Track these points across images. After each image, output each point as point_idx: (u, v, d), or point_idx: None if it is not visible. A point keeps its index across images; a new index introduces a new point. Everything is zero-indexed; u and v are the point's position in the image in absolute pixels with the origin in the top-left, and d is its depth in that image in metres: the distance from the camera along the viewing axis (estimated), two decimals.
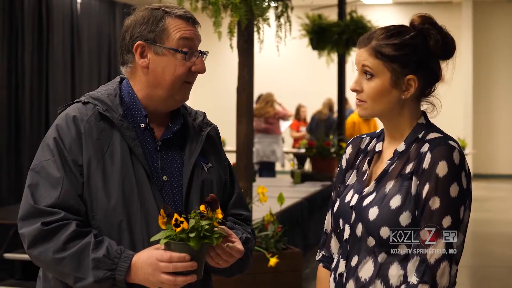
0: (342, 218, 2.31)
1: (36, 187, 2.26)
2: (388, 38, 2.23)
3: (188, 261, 2.11)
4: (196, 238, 2.09)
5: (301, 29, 10.70)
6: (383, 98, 2.23)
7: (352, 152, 2.44)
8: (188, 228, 2.08)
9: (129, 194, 2.27)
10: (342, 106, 11.58)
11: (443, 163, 2.13)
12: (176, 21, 2.35)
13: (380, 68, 2.22)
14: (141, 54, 2.37)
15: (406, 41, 2.22)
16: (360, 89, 2.25)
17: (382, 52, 2.21)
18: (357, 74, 2.27)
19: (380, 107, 2.25)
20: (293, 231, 7.51)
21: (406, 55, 2.21)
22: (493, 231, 10.68)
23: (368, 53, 2.23)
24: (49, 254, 2.20)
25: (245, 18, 5.37)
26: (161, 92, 2.36)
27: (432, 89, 2.31)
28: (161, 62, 2.35)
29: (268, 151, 12.61)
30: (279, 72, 18.52)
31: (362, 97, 2.25)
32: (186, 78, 2.36)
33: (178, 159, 2.41)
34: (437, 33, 2.24)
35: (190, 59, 2.35)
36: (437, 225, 2.12)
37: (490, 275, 7.87)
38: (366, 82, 2.24)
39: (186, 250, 2.10)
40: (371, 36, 2.26)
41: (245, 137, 5.88)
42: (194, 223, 2.09)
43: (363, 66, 2.24)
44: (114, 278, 2.17)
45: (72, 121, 2.31)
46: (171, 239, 2.10)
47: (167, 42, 2.34)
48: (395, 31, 2.25)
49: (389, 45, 2.21)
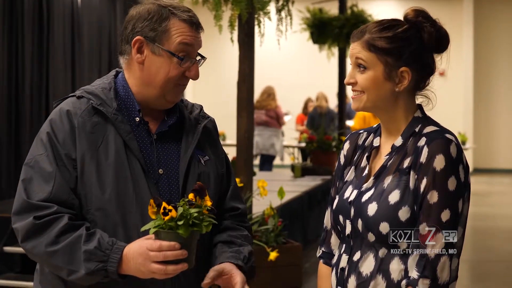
0: (341, 215, 2.30)
1: (30, 181, 2.26)
2: (381, 31, 2.23)
3: (178, 250, 2.10)
4: (185, 226, 2.09)
5: (302, 23, 10.69)
6: (377, 90, 2.23)
7: (350, 148, 2.44)
8: (176, 216, 2.08)
9: (124, 188, 2.27)
10: (343, 100, 11.58)
11: (440, 156, 2.13)
12: (180, 25, 2.34)
13: (373, 60, 2.22)
14: (138, 49, 2.36)
15: (399, 34, 2.22)
16: (354, 81, 2.26)
17: (375, 45, 2.22)
18: (351, 68, 2.29)
19: (374, 100, 2.25)
20: (293, 225, 7.52)
21: (399, 47, 2.21)
22: (493, 226, 10.68)
23: (361, 46, 2.24)
24: (41, 248, 2.20)
25: (245, 12, 5.37)
26: (153, 91, 2.36)
27: (427, 83, 2.30)
28: (156, 62, 2.34)
29: (268, 144, 12.62)
30: (279, 66, 18.52)
31: (357, 88, 2.26)
32: (179, 80, 2.36)
33: (175, 152, 2.41)
34: (430, 26, 2.24)
35: (185, 65, 2.34)
36: (436, 219, 2.12)
37: (490, 270, 7.87)
38: (360, 74, 2.25)
39: (175, 239, 2.10)
40: (364, 29, 2.26)
41: (246, 131, 5.88)
42: (183, 211, 2.09)
43: (357, 58, 2.25)
44: (106, 269, 2.17)
45: (65, 115, 2.31)
46: (160, 228, 2.10)
47: (167, 44, 2.33)
48: (388, 24, 2.25)
49: (382, 38, 2.22)
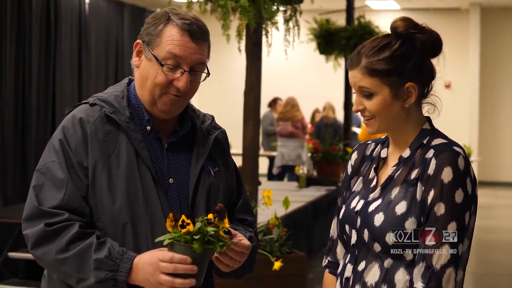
0: (348, 224, 2.31)
1: (41, 188, 2.26)
2: (378, 53, 2.21)
3: (189, 264, 2.10)
4: (200, 241, 2.08)
5: (309, 33, 10.70)
6: (388, 112, 2.23)
7: (357, 159, 2.44)
8: (193, 231, 2.08)
9: (134, 197, 2.27)
10: (349, 111, 11.58)
11: (448, 169, 2.14)
12: (172, 32, 2.29)
13: (377, 84, 2.21)
14: (137, 53, 2.37)
15: (396, 51, 2.21)
16: (363, 108, 2.25)
17: (376, 69, 2.20)
18: (356, 95, 2.27)
19: (386, 121, 2.25)
20: (298, 235, 7.51)
21: (399, 65, 2.20)
22: (497, 239, 10.65)
23: (362, 74, 2.22)
24: (52, 255, 2.20)
25: (253, 22, 5.38)
26: (146, 96, 2.34)
27: (430, 88, 2.30)
28: (147, 66, 2.33)
29: (294, 155, 12.53)
30: (286, 76, 18.50)
31: (367, 114, 2.25)
32: (167, 89, 2.31)
33: (185, 162, 2.40)
34: (422, 34, 2.22)
35: (171, 74, 2.29)
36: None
37: (494, 282, 7.86)
38: (366, 101, 2.24)
39: (188, 253, 2.10)
40: (359, 54, 2.24)
41: (252, 140, 5.88)
42: (200, 226, 2.09)
43: (360, 87, 2.24)
44: (116, 279, 2.17)
45: (78, 123, 2.30)
46: (175, 240, 2.10)
47: (157, 49, 2.30)
48: (382, 44, 2.23)
49: (381, 60, 2.20)
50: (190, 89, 2.33)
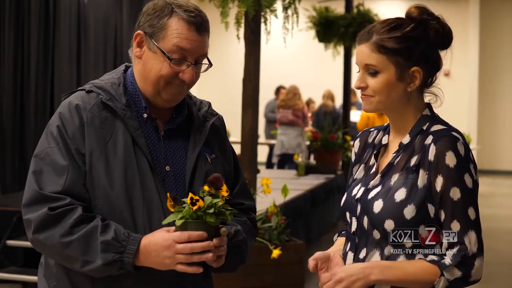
0: (348, 211, 2.31)
1: (41, 173, 2.25)
2: (389, 32, 2.21)
3: (205, 240, 2.12)
4: (214, 214, 2.12)
5: (308, 21, 10.68)
6: (390, 93, 2.22)
7: (360, 146, 2.44)
8: (204, 206, 2.10)
9: (131, 184, 2.27)
10: (348, 99, 11.58)
11: (450, 153, 2.13)
12: (178, 25, 2.29)
13: (384, 62, 2.21)
14: (138, 44, 2.35)
15: (407, 33, 2.21)
16: (365, 85, 2.24)
17: (385, 46, 2.20)
18: (360, 72, 2.26)
19: (386, 102, 2.24)
20: (297, 223, 7.51)
21: (409, 47, 2.20)
22: (497, 227, 10.66)
23: (371, 49, 2.22)
24: (56, 238, 2.20)
25: (252, 9, 5.36)
26: (149, 88, 2.34)
27: (434, 79, 2.30)
28: (151, 58, 2.32)
29: (294, 143, 12.49)
30: (285, 64, 18.50)
31: (368, 92, 2.25)
32: (172, 79, 2.31)
33: (182, 149, 2.40)
34: (436, 23, 2.23)
35: (178, 67, 2.30)
36: (462, 217, 2.13)
37: (493, 271, 7.85)
38: (371, 78, 2.23)
39: (203, 228, 2.13)
40: (371, 30, 2.24)
41: (250, 128, 5.87)
42: (210, 200, 2.12)
43: (366, 65, 2.23)
44: (122, 261, 2.17)
45: (75, 110, 2.30)
46: (187, 218, 2.12)
47: (162, 42, 2.29)
48: (395, 24, 2.23)
49: (392, 39, 2.20)
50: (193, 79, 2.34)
